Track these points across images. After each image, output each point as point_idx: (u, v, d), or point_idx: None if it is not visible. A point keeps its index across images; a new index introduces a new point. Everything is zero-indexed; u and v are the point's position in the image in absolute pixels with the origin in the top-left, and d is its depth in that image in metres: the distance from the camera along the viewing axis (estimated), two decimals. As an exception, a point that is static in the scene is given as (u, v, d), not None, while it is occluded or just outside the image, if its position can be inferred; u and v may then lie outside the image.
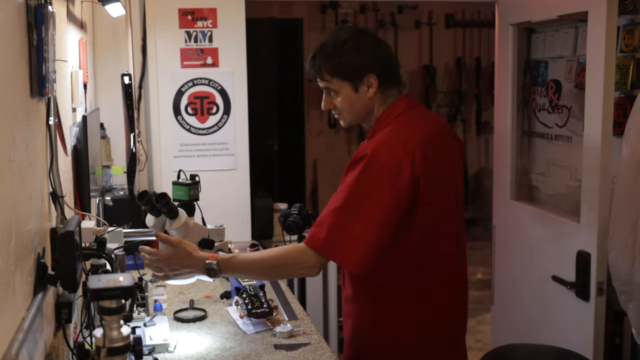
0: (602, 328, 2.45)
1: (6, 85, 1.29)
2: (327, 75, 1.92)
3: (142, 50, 3.30)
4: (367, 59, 1.90)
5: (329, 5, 6.70)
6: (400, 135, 1.87)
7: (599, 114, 2.39)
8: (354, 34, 1.93)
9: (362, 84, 1.91)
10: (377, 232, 1.81)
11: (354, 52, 1.89)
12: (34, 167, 1.55)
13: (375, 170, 1.81)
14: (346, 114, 1.97)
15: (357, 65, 1.90)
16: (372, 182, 1.81)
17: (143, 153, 3.30)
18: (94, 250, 1.91)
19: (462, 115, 7.28)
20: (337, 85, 1.92)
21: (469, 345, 4.42)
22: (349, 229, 1.80)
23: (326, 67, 1.91)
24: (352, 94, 1.92)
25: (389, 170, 1.81)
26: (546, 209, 2.86)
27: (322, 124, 6.93)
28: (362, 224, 1.80)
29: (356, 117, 1.98)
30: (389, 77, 1.94)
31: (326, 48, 1.92)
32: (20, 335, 1.27)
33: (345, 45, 1.90)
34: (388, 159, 1.82)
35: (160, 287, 2.68)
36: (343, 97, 1.93)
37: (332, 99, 1.95)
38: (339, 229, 1.80)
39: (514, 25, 3.04)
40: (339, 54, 1.89)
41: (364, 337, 1.99)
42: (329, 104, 1.97)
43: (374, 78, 1.90)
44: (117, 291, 1.33)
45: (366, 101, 1.93)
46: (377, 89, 1.92)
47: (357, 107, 1.95)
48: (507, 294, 3.17)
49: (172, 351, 2.06)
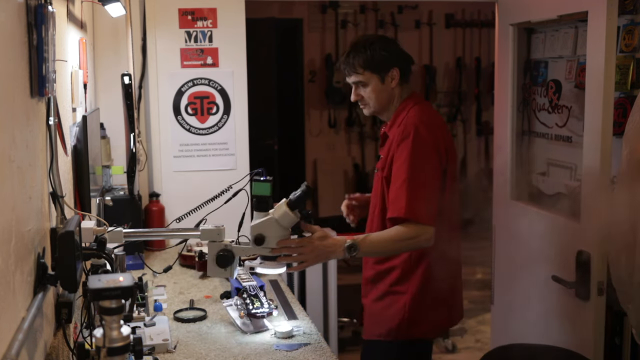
0: (602, 328, 2.45)
1: (6, 85, 1.29)
2: (360, 69, 2.35)
3: (142, 50, 3.30)
4: (392, 55, 2.38)
5: (329, 5, 6.70)
6: (428, 116, 2.37)
7: (599, 114, 2.39)
8: (379, 36, 2.50)
9: (388, 76, 2.36)
10: (436, 192, 2.29)
11: (382, 49, 2.36)
12: (34, 167, 1.55)
13: (421, 144, 2.26)
14: (372, 103, 2.40)
15: (385, 59, 2.35)
16: (422, 153, 2.26)
17: (143, 153, 3.30)
18: (94, 250, 1.92)
19: (462, 115, 7.28)
20: (367, 77, 2.36)
21: (469, 345, 4.44)
22: (419, 194, 2.24)
23: (359, 62, 2.35)
24: (379, 84, 2.37)
25: (432, 143, 2.29)
26: (546, 209, 2.86)
27: (322, 124, 6.93)
28: (425, 188, 2.26)
29: (379, 106, 2.41)
30: (407, 73, 2.41)
31: (358, 47, 2.37)
32: (20, 335, 1.27)
33: (374, 45, 2.36)
34: (428, 135, 2.29)
35: (160, 287, 2.68)
36: (371, 88, 2.37)
37: (361, 91, 2.39)
38: (412, 196, 2.23)
39: (514, 25, 3.04)
40: (370, 51, 2.35)
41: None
42: (358, 95, 2.41)
43: (397, 71, 2.37)
44: (117, 291, 1.33)
45: (390, 91, 2.38)
46: (398, 81, 2.37)
47: (381, 97, 2.39)
48: (507, 294, 3.17)
49: (172, 351, 2.06)
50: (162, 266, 2.81)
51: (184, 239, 2.48)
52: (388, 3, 6.79)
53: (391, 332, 2.41)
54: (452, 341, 4.41)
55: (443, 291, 2.46)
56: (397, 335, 2.40)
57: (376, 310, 2.47)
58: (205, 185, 2.65)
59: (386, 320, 2.41)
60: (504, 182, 3.16)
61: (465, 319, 4.85)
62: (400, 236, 2.26)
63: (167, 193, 3.33)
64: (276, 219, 2.09)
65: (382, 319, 2.44)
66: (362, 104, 2.43)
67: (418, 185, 2.25)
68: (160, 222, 3.24)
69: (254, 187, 2.13)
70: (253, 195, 2.15)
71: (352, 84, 2.41)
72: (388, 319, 2.41)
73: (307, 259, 2.16)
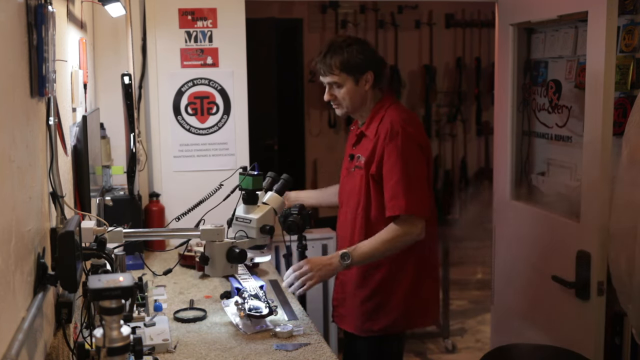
0: (602, 328, 2.45)
1: (6, 85, 1.29)
2: (336, 70, 2.42)
3: (142, 50, 3.30)
4: (368, 59, 2.44)
5: (329, 5, 6.69)
6: (408, 115, 2.48)
7: (599, 114, 2.39)
8: (356, 39, 2.50)
9: (362, 78, 2.44)
10: (428, 185, 2.44)
11: (358, 52, 2.42)
12: (34, 167, 1.55)
13: (409, 141, 2.38)
14: (345, 104, 2.48)
15: (361, 62, 2.42)
16: (411, 150, 2.39)
17: (143, 153, 3.30)
18: (94, 250, 1.92)
19: (462, 115, 7.27)
20: (342, 78, 2.43)
21: (469, 345, 4.44)
22: (414, 189, 2.37)
23: (336, 63, 2.42)
24: (353, 86, 2.45)
25: (417, 139, 2.41)
26: (546, 209, 2.86)
27: (322, 124, 6.92)
28: (419, 182, 2.39)
29: (352, 107, 2.49)
30: (381, 78, 2.49)
31: (335, 48, 2.42)
32: (20, 335, 1.27)
33: (351, 47, 2.42)
34: (414, 131, 2.41)
35: (160, 287, 2.68)
36: (346, 89, 2.45)
37: (334, 91, 2.47)
38: (409, 192, 2.35)
39: (514, 25, 3.04)
40: (347, 53, 2.41)
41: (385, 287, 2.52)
42: (332, 96, 2.48)
43: (371, 75, 2.45)
44: (117, 291, 1.33)
45: (363, 94, 2.47)
46: (372, 84, 2.46)
47: (355, 98, 2.47)
48: (507, 294, 3.17)
49: (172, 351, 2.06)
50: (162, 266, 2.81)
51: (186, 239, 2.49)
52: (388, 3, 6.78)
53: (387, 328, 2.53)
54: (452, 341, 4.41)
55: (434, 279, 2.64)
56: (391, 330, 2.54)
57: (370, 307, 2.54)
58: (206, 185, 2.64)
59: (381, 317, 2.52)
60: (504, 182, 3.16)
61: (465, 319, 4.86)
62: (393, 235, 2.38)
63: (167, 193, 3.33)
64: (275, 208, 2.37)
65: (376, 316, 2.53)
66: (335, 104, 2.51)
67: (413, 181, 2.37)
68: (160, 222, 3.24)
69: (244, 180, 2.35)
70: (242, 189, 2.35)
71: (326, 84, 2.49)
72: (383, 315, 2.52)
73: (313, 276, 2.37)
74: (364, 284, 2.55)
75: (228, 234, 2.29)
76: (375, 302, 2.53)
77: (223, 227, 2.27)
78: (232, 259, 2.22)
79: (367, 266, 2.52)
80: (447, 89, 7.21)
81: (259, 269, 2.92)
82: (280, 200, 2.42)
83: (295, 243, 2.74)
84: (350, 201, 2.56)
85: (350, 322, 2.60)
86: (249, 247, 2.35)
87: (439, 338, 4.48)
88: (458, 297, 5.19)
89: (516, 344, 2.59)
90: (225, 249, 2.24)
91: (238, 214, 2.37)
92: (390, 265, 2.51)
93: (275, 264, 3.22)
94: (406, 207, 2.35)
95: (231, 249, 2.23)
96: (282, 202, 2.43)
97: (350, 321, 2.60)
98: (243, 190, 2.37)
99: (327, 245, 3.45)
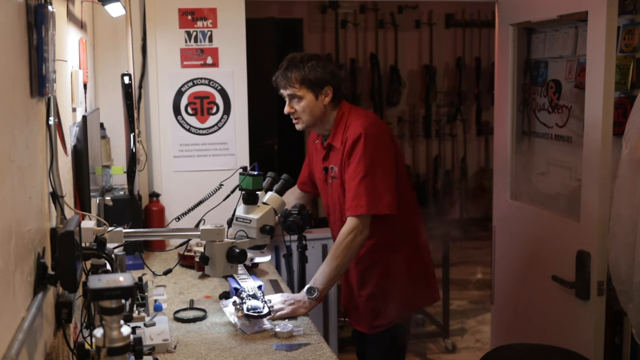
0: (602, 328, 2.45)
1: (6, 85, 1.29)
2: (296, 84, 2.48)
3: (142, 50, 3.30)
4: (327, 74, 2.50)
5: (329, 5, 6.69)
6: (365, 115, 2.54)
7: (599, 114, 2.39)
8: (315, 55, 2.56)
9: (322, 93, 2.50)
10: (393, 182, 2.45)
11: (319, 68, 2.49)
12: (34, 167, 1.55)
13: (373, 141, 2.42)
14: (304, 117, 2.53)
15: (320, 78, 2.49)
16: (375, 149, 2.42)
17: (143, 153, 3.29)
18: (94, 250, 1.92)
19: (462, 115, 7.27)
20: (302, 92, 2.49)
21: (469, 345, 4.44)
22: (377, 187, 2.40)
23: (296, 77, 2.48)
24: (313, 100, 2.50)
25: (381, 138, 2.47)
26: (546, 209, 2.86)
27: (322, 124, 6.92)
28: (383, 180, 2.41)
29: (312, 120, 2.54)
30: (339, 92, 2.55)
31: (296, 63, 2.49)
32: (20, 335, 1.27)
33: (311, 62, 2.49)
34: (377, 131, 2.46)
35: (160, 287, 2.68)
36: (306, 103, 2.50)
37: (294, 104, 2.52)
38: (372, 190, 2.39)
39: (514, 25, 3.04)
40: (307, 68, 2.47)
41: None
42: (292, 108, 2.54)
43: (330, 90, 2.51)
44: (117, 291, 1.33)
45: (322, 108, 2.52)
46: (330, 99, 2.51)
47: (314, 112, 2.52)
48: (507, 294, 3.17)
49: (172, 351, 2.06)
50: (162, 266, 2.81)
51: (186, 239, 2.49)
52: (388, 3, 6.78)
53: (395, 319, 2.58)
54: (452, 341, 4.41)
55: (427, 260, 2.69)
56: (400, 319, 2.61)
57: (376, 304, 2.58)
58: (206, 185, 2.65)
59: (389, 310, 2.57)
60: (504, 182, 3.16)
61: (465, 319, 4.86)
62: (341, 250, 2.39)
63: (167, 193, 3.33)
64: (275, 208, 2.41)
65: (384, 310, 2.57)
66: (294, 117, 2.56)
67: (377, 181, 2.41)
68: (160, 222, 3.24)
69: (244, 181, 2.38)
70: (242, 189, 2.38)
71: (286, 96, 2.54)
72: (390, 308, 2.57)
73: (283, 308, 2.31)
74: (365, 283, 2.58)
75: (228, 234, 2.30)
76: (380, 298, 2.58)
77: (223, 227, 2.27)
78: (232, 259, 2.24)
79: (364, 266, 2.56)
80: (447, 89, 7.21)
81: (259, 269, 2.92)
82: (280, 200, 2.46)
83: (295, 243, 2.75)
84: (335, 209, 2.63)
85: (363, 323, 2.65)
86: (249, 247, 2.36)
87: (439, 338, 4.48)
88: (458, 297, 5.20)
89: (516, 344, 2.59)
90: (225, 249, 2.25)
91: (238, 214, 2.38)
92: (385, 259, 2.56)
93: (275, 264, 3.22)
94: (367, 207, 2.39)
95: (231, 249, 2.24)
96: (282, 202, 2.46)
97: (362, 321, 2.65)
98: (243, 190, 2.38)
99: (327, 245, 3.45)
